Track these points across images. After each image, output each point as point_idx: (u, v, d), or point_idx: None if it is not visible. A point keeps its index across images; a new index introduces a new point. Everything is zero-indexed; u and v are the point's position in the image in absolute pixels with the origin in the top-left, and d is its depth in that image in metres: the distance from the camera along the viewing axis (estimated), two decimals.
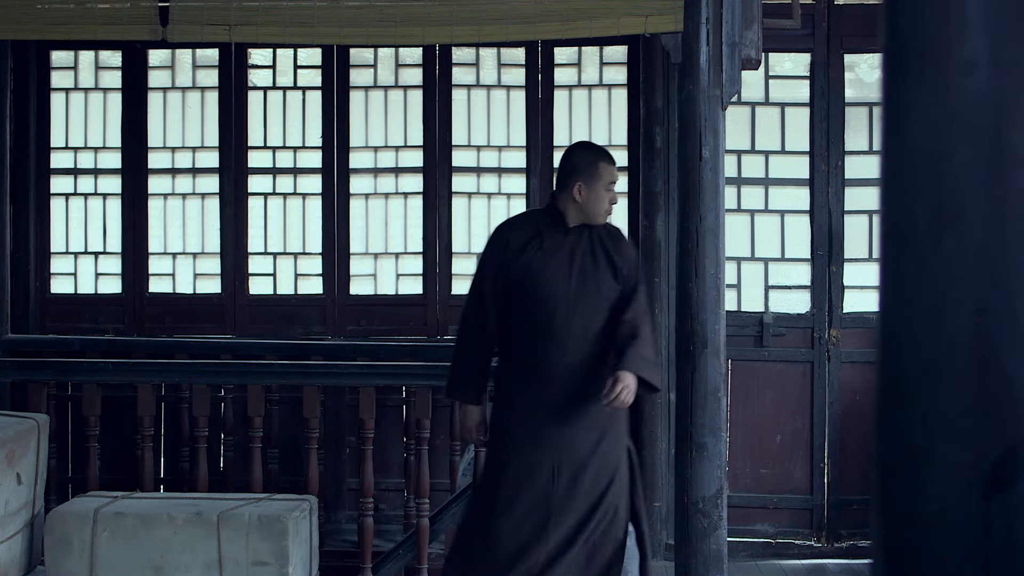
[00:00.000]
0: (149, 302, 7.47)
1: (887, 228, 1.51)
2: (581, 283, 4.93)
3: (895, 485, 1.50)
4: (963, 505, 1.44)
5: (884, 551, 1.50)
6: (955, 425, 1.45)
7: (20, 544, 5.15)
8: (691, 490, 4.41)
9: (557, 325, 4.88)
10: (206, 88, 7.47)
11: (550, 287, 4.93)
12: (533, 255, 4.95)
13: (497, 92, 7.39)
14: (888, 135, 1.50)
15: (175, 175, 7.50)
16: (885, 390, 1.51)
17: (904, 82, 1.48)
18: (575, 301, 4.91)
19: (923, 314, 1.47)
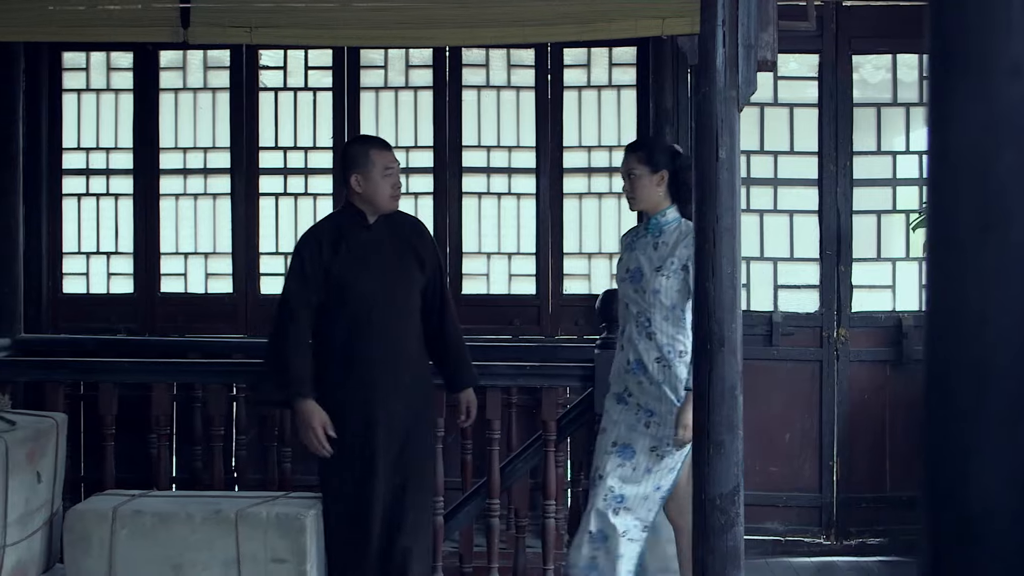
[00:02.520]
0: (161, 302, 7.52)
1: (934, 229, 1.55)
2: (392, 279, 5.10)
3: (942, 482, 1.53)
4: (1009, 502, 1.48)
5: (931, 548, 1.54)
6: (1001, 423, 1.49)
7: (40, 542, 5.20)
8: (708, 487, 4.43)
9: (375, 322, 5.05)
10: (217, 89, 7.52)
11: (363, 286, 5.05)
12: (342, 257, 5.07)
13: (507, 93, 7.44)
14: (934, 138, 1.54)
15: (187, 175, 7.55)
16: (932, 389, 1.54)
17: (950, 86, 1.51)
18: (389, 297, 5.08)
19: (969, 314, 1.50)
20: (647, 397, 5.04)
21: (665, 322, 5.00)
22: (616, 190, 7.37)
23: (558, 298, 7.38)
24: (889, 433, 7.06)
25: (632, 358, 5.06)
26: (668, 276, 5.00)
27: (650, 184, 5.08)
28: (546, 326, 7.35)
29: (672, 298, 5.00)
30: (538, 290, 7.37)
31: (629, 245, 5.24)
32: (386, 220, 5.16)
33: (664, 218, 5.12)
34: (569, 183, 7.42)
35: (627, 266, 5.16)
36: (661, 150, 5.20)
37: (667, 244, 5.06)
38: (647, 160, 5.09)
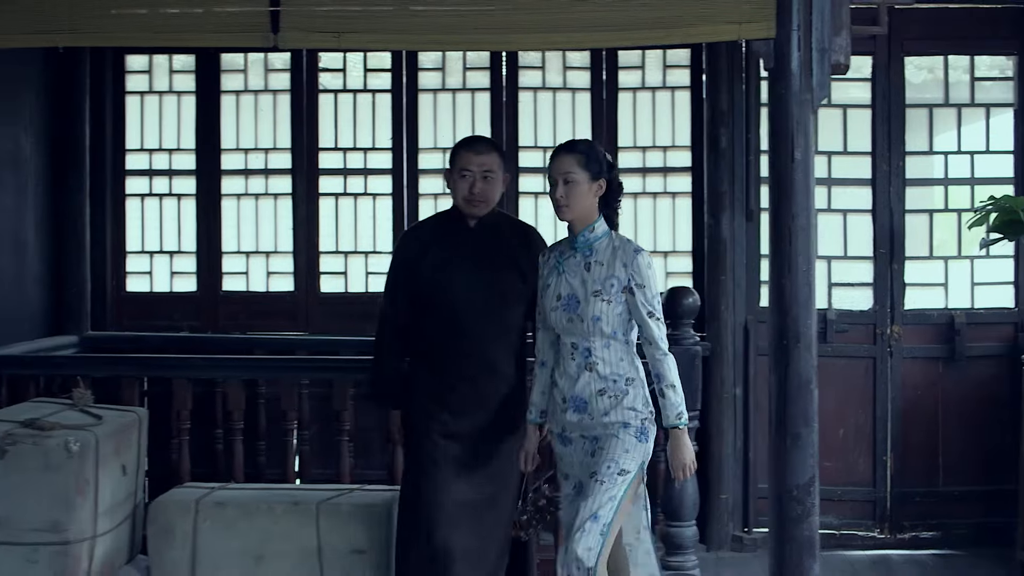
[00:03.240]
0: (223, 300, 7.67)
1: None
2: (482, 286, 4.93)
3: None
4: None
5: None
6: None
7: (125, 533, 5.35)
8: (786, 478, 4.57)
9: (460, 330, 4.91)
10: (278, 91, 7.66)
11: (449, 290, 4.93)
12: (432, 257, 4.96)
13: (562, 94, 7.58)
14: None
15: (248, 176, 7.69)
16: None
17: None
18: (477, 304, 4.91)
19: None
20: (590, 429, 4.56)
21: (607, 351, 4.50)
22: (672, 189, 7.52)
23: None
24: (942, 428, 7.17)
25: (568, 394, 4.56)
26: (609, 300, 4.47)
27: (588, 192, 4.51)
28: None
29: (613, 324, 4.48)
30: None
31: (555, 267, 4.62)
32: (491, 224, 5.03)
33: (593, 233, 4.56)
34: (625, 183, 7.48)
35: (557, 292, 4.57)
36: (600, 157, 4.60)
37: (602, 263, 4.51)
38: (587, 164, 4.52)
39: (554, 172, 4.53)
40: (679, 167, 7.52)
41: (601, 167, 4.54)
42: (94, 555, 5.03)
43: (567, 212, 4.52)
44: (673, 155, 7.53)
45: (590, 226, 4.54)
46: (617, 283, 4.46)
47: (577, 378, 4.52)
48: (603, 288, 4.47)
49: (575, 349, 4.52)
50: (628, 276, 4.45)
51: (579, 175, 4.49)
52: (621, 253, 4.48)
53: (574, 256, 4.55)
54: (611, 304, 4.45)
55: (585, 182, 4.50)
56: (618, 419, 4.48)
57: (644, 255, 4.49)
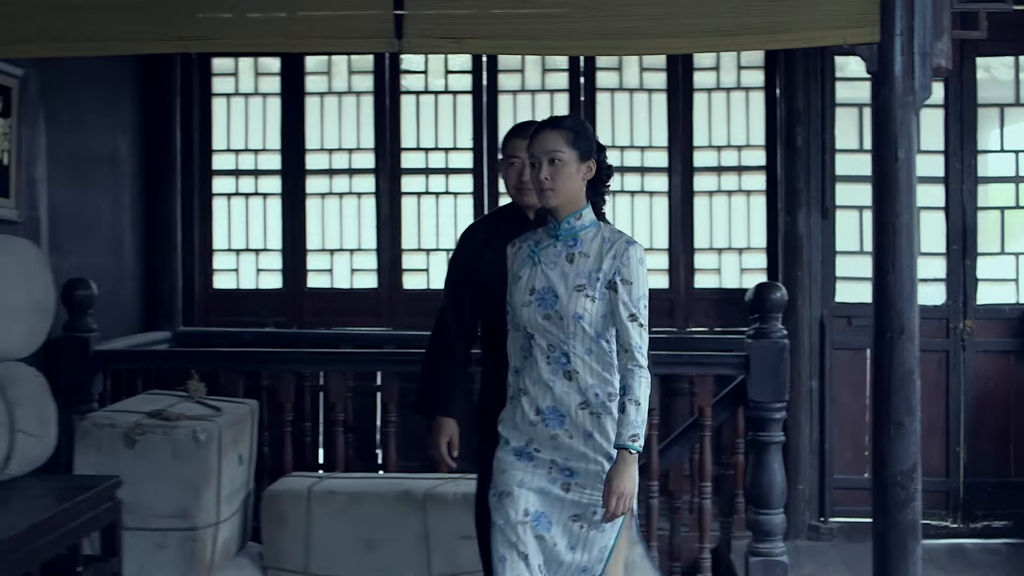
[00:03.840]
0: (308, 296, 7.88)
1: None
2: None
3: None
4: None
5: None
6: None
7: (239, 521, 5.54)
8: (889, 465, 4.75)
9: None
10: (361, 92, 7.87)
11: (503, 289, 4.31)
12: (490, 255, 4.50)
13: (639, 95, 7.76)
14: None
15: (332, 175, 7.90)
16: None
17: None
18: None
19: None
20: (564, 453, 3.90)
21: (588, 356, 3.87)
22: (747, 187, 7.69)
23: (690, 292, 7.69)
24: (1013, 420, 7.34)
25: (542, 405, 3.89)
26: (593, 297, 3.86)
27: (576, 174, 3.92)
28: (678, 319, 7.66)
29: (597, 325, 3.87)
30: (671, 284, 7.68)
31: (529, 257, 4.00)
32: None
33: (580, 221, 3.96)
34: (700, 181, 7.72)
35: (530, 285, 3.94)
36: (591, 135, 4.02)
37: (587, 255, 3.91)
38: (575, 142, 3.93)
39: (537, 151, 3.92)
40: (753, 166, 7.70)
41: (591, 146, 3.96)
42: (217, 541, 5.23)
43: (552, 197, 3.89)
44: (747, 154, 7.71)
45: (576, 213, 3.94)
46: (603, 277, 3.85)
47: (552, 387, 3.87)
48: (588, 283, 3.85)
49: (551, 352, 3.88)
50: (615, 269, 3.84)
51: (567, 154, 3.89)
52: (611, 244, 3.89)
53: (554, 246, 3.95)
54: (596, 302, 3.84)
55: (573, 162, 3.90)
56: (600, 451, 3.86)
57: (638, 249, 3.88)
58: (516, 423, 3.94)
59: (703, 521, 6.03)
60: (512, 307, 3.97)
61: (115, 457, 5.01)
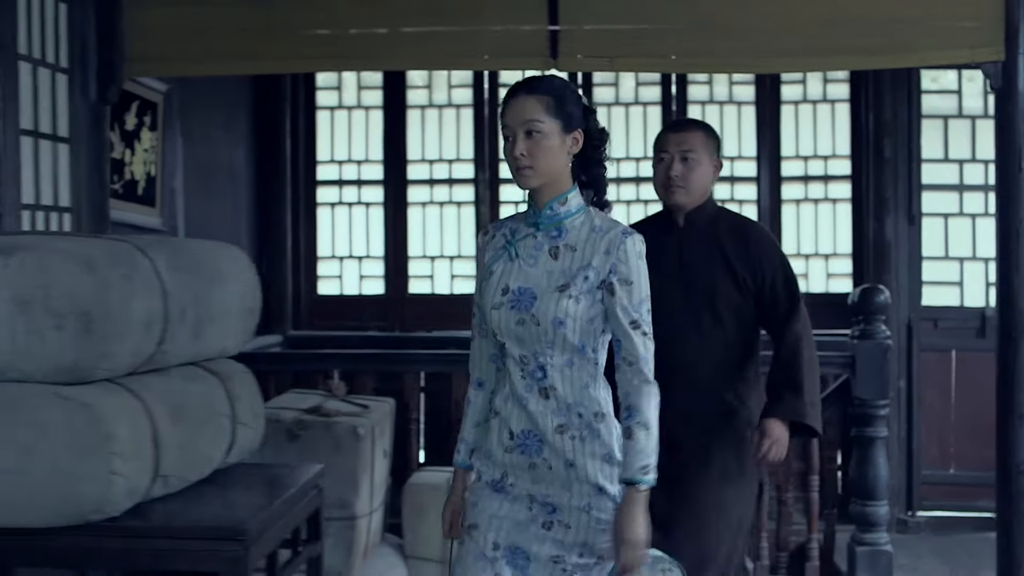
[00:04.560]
0: (409, 302, 8.20)
1: None
2: (688, 294, 4.11)
3: None
4: None
5: None
6: None
7: (381, 513, 5.86)
8: (1013, 456, 5.07)
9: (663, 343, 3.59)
10: (461, 106, 8.20)
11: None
12: None
13: (729, 108, 8.09)
14: None
15: (433, 185, 8.23)
16: None
17: None
18: (685, 313, 4.08)
19: None
20: (545, 486, 3.19)
21: (569, 369, 3.16)
22: (833, 195, 8.02)
23: None
24: None
25: (516, 428, 3.19)
26: (578, 298, 3.14)
27: (559, 148, 3.13)
28: None
29: (582, 332, 3.15)
30: None
31: (504, 250, 3.26)
32: (702, 220, 4.18)
33: (565, 206, 3.19)
34: (787, 190, 8.05)
35: (504, 283, 3.20)
36: (576, 99, 3.21)
37: (574, 248, 3.19)
38: (558, 110, 3.13)
39: (511, 120, 3.14)
40: (839, 175, 8.01)
41: (577, 114, 3.17)
42: (370, 530, 5.55)
43: (531, 176, 3.14)
44: (833, 164, 8.03)
45: (560, 196, 3.18)
46: (594, 275, 3.14)
47: (526, 406, 3.16)
48: (573, 281, 3.14)
49: (525, 364, 3.17)
50: (610, 267, 3.14)
51: (547, 124, 3.11)
52: (603, 236, 3.17)
53: (534, 236, 3.22)
54: (581, 304, 3.13)
55: (555, 134, 3.11)
56: (586, 481, 3.15)
57: (636, 241, 3.16)
58: (490, 451, 3.23)
59: (811, 512, 6.32)
60: (481, 309, 3.26)
61: (279, 450, 5.30)
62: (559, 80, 3.21)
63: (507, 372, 3.21)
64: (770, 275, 4.15)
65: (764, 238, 4.25)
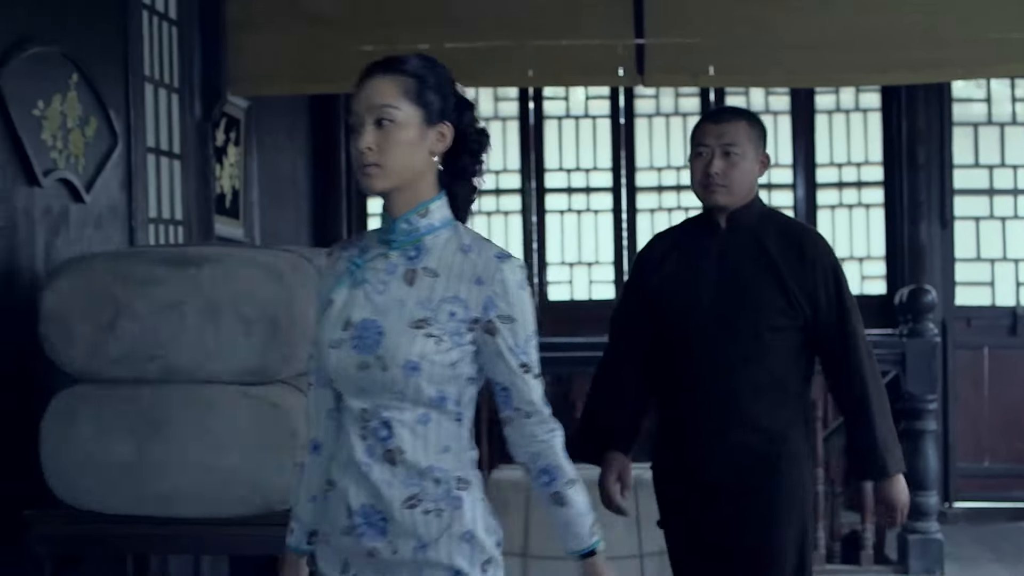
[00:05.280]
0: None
1: None
2: (724, 301, 3.59)
3: None
4: None
5: None
6: None
7: None
8: None
9: (697, 355, 3.59)
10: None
11: (679, 308, 3.63)
12: (668, 268, 3.69)
13: (765, 117, 8.32)
14: None
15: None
16: None
17: None
18: (717, 324, 3.58)
19: None
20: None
21: (424, 427, 2.45)
22: (866, 201, 8.36)
23: None
24: None
25: (355, 503, 2.47)
26: (440, 338, 2.44)
27: (418, 143, 2.44)
28: None
29: (443, 381, 2.45)
30: None
31: (347, 274, 2.54)
32: (750, 224, 3.65)
33: (426, 219, 2.49)
34: (822, 196, 8.39)
35: (345, 315, 2.50)
36: (444, 86, 2.50)
37: (437, 274, 2.48)
38: (420, 96, 2.44)
39: (359, 106, 2.44)
40: (871, 181, 8.36)
41: (445, 103, 2.49)
42: None
43: (377, 177, 2.43)
44: (866, 170, 8.37)
45: (420, 206, 2.49)
46: (462, 310, 2.45)
47: (368, 474, 2.46)
48: (434, 315, 2.45)
49: (366, 421, 2.47)
50: (485, 301, 2.45)
51: (403, 112, 2.42)
52: (475, 259, 2.48)
53: (385, 256, 2.52)
54: (443, 346, 2.44)
55: (414, 125, 2.44)
56: (442, 566, 2.48)
57: (515, 268, 2.48)
58: (328, 535, 2.56)
59: (864, 504, 6.61)
60: (318, 349, 2.54)
61: None
62: (427, 59, 2.51)
63: (345, 430, 2.50)
64: (823, 289, 3.59)
65: (819, 244, 3.68)
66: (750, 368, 3.56)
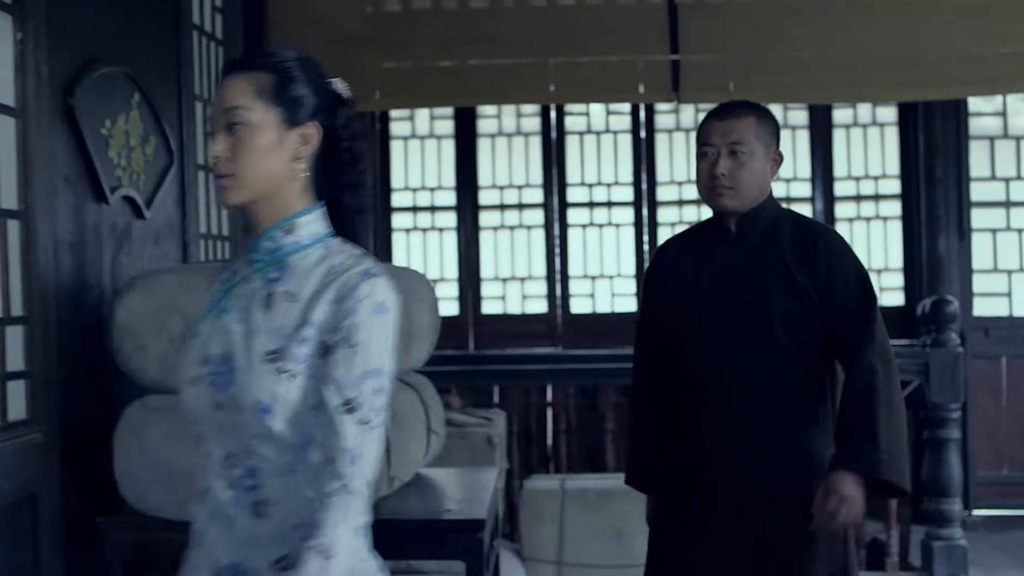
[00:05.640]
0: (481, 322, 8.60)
1: None
2: (735, 311, 3.37)
3: None
4: None
5: None
6: None
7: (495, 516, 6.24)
8: None
9: (702, 372, 3.38)
10: (530, 134, 8.62)
11: (687, 317, 3.45)
12: (676, 275, 3.52)
13: (784, 132, 8.46)
14: None
15: (504, 210, 8.65)
16: None
17: None
18: (726, 338, 3.36)
19: None
20: None
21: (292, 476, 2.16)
22: (884, 213, 8.49)
23: None
24: None
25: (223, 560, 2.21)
26: (295, 374, 2.13)
27: (276, 147, 2.19)
28: None
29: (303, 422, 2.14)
30: None
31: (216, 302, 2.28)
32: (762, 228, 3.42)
33: (292, 236, 2.22)
34: (840, 209, 8.51)
35: (205, 349, 2.23)
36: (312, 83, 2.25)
37: (294, 297, 2.18)
38: (279, 94, 2.20)
39: (215, 110, 2.22)
40: (889, 194, 8.49)
41: (312, 100, 2.23)
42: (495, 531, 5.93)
43: (232, 189, 2.18)
44: (883, 183, 8.50)
45: (286, 221, 2.22)
46: (316, 336, 2.14)
47: (233, 528, 2.20)
48: (286, 346, 2.14)
49: (231, 468, 2.21)
50: (332, 321, 2.13)
51: (257, 113, 2.18)
52: (340, 279, 2.16)
53: (248, 280, 2.24)
54: (295, 382, 2.13)
55: (270, 128, 2.18)
56: None
57: (380, 287, 2.17)
58: None
59: (889, 511, 6.73)
60: (179, 387, 2.26)
61: None
62: (288, 54, 2.24)
63: (208, 478, 2.23)
64: (841, 290, 3.32)
65: (836, 244, 3.43)
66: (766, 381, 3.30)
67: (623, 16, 5.89)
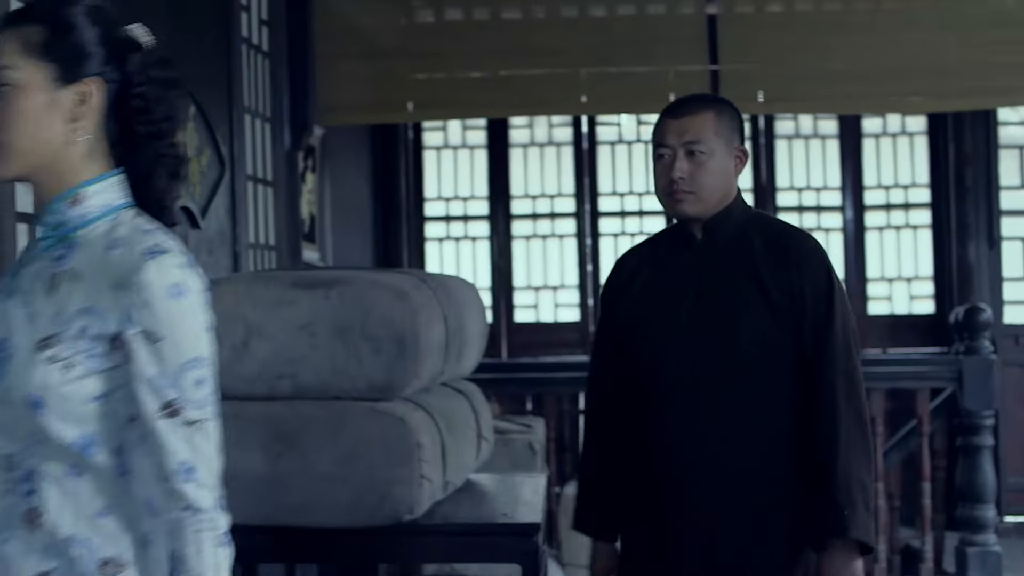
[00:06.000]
0: (515, 330, 8.67)
1: None
2: (701, 326, 3.04)
3: None
4: None
5: None
6: None
7: None
8: None
9: (663, 394, 3.04)
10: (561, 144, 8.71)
11: (654, 335, 3.09)
12: (635, 290, 3.20)
13: (814, 141, 8.61)
14: None
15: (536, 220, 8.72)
16: None
17: None
18: (689, 356, 3.03)
19: None
20: None
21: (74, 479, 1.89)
22: (914, 222, 8.55)
23: (864, 318, 8.51)
24: None
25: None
26: (70, 362, 1.85)
27: (46, 109, 1.91)
28: None
29: (85, 421, 1.87)
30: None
31: (4, 287, 2.00)
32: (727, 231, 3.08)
33: (78, 207, 1.94)
34: (870, 218, 8.58)
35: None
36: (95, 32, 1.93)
37: (79, 276, 1.90)
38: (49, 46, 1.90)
39: None
40: (919, 203, 8.55)
41: (95, 51, 1.92)
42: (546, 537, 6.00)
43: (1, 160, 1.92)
44: (913, 192, 8.57)
45: (69, 192, 1.94)
46: (97, 325, 1.86)
47: (6, 542, 1.90)
48: (62, 332, 1.87)
49: (10, 471, 1.92)
50: (123, 312, 1.85)
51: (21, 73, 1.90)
52: (119, 257, 1.88)
53: (36, 259, 1.98)
54: (72, 372, 1.85)
55: (38, 87, 1.91)
56: None
57: (169, 266, 1.88)
58: None
59: (924, 517, 6.79)
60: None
61: None
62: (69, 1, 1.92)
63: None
64: (811, 298, 2.98)
65: (808, 249, 3.05)
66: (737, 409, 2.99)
67: (655, 27, 5.99)
